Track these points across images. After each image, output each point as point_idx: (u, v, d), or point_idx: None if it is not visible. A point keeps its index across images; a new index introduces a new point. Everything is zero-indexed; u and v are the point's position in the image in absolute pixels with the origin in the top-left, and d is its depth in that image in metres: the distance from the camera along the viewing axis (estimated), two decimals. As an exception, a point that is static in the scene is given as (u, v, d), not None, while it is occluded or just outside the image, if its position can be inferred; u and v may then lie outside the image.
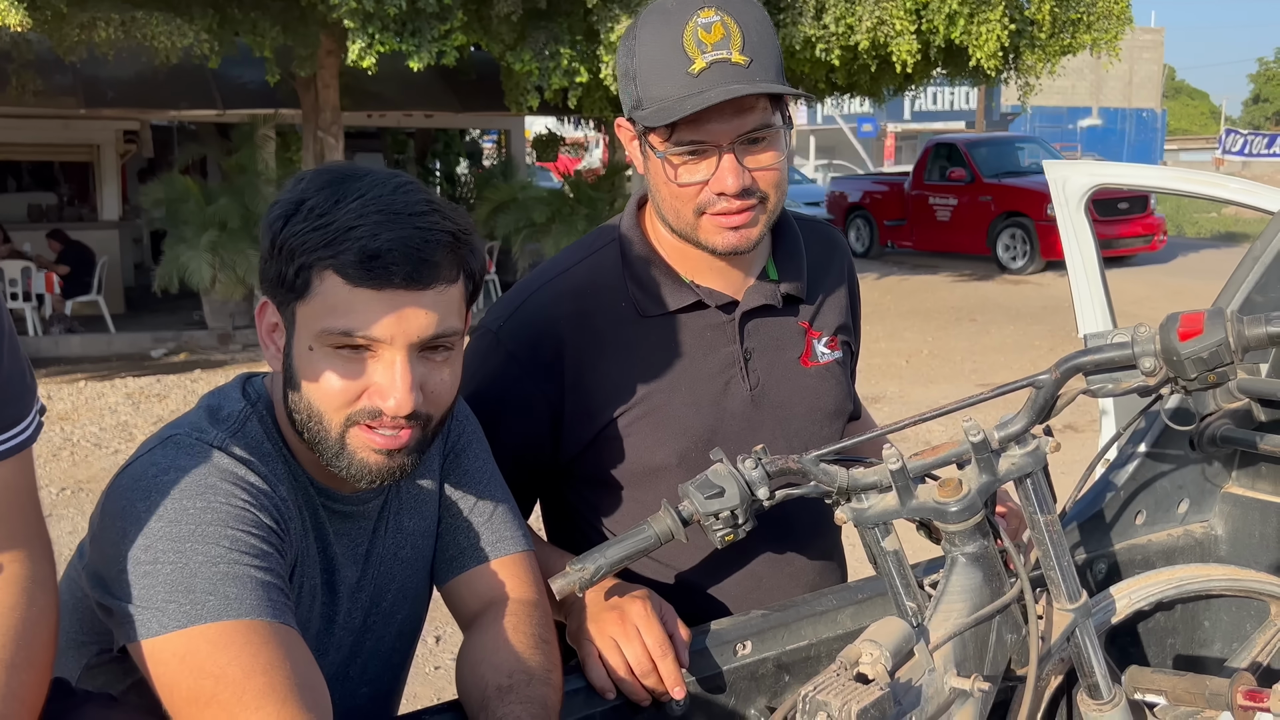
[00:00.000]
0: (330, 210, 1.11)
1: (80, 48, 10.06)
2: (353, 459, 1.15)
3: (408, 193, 1.14)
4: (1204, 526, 1.81)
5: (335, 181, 1.14)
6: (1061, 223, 2.97)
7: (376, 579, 1.29)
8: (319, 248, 1.10)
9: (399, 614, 1.33)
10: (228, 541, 1.06)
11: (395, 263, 1.09)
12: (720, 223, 1.41)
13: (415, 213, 1.12)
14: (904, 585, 1.27)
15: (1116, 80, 38.45)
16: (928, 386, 8.92)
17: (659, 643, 1.27)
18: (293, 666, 1.02)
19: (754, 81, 1.34)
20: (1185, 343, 1.13)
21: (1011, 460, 1.23)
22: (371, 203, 1.11)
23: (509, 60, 11.01)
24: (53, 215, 15.11)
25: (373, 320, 1.10)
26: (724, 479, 1.22)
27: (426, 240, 1.12)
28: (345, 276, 1.10)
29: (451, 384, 1.20)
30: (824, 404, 1.59)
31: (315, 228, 1.11)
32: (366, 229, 1.09)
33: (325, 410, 1.14)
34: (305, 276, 1.11)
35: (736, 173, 1.37)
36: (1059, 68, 12.58)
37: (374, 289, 1.10)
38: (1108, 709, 1.37)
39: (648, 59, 1.37)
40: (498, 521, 1.36)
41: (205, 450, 1.12)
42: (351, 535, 1.26)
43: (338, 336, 1.11)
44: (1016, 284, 15.25)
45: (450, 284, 1.15)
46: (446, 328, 1.15)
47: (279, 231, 1.13)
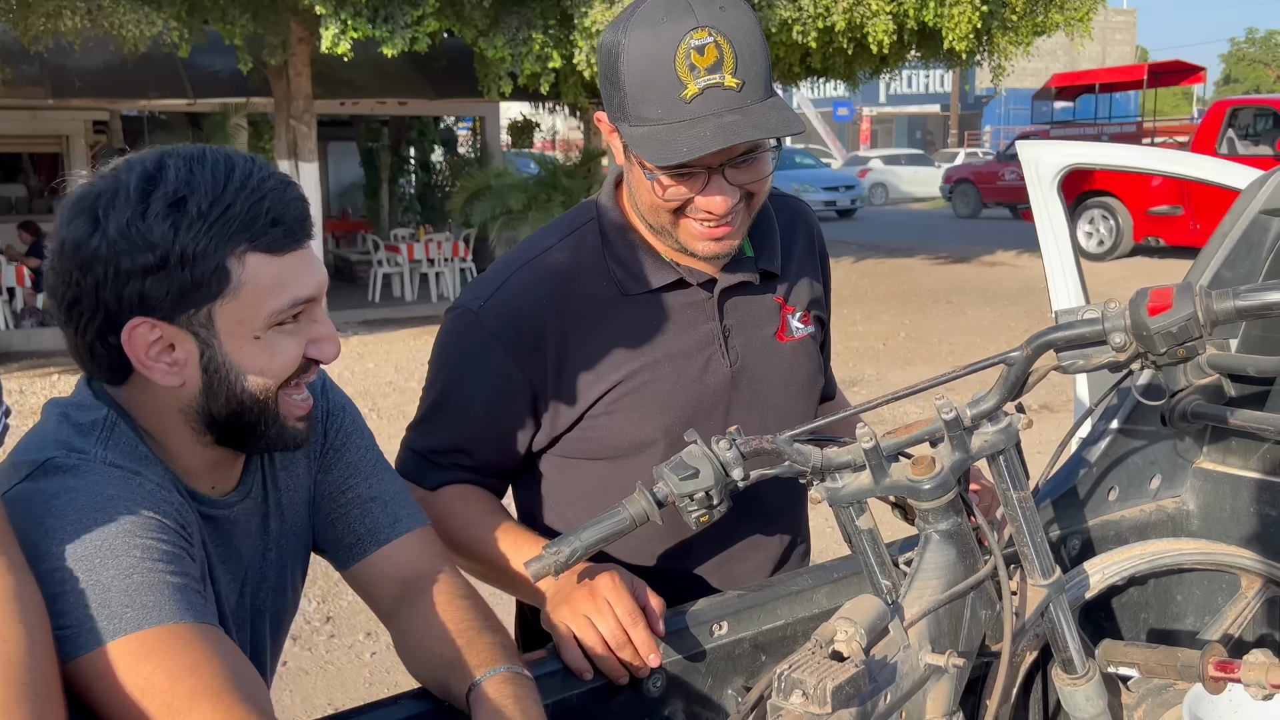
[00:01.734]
0: (219, 197, 1.07)
1: (46, 37, 9.93)
2: (285, 428, 1.18)
3: (246, 159, 1.14)
4: (1176, 501, 1.82)
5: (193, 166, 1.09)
6: (1035, 203, 2.99)
7: (248, 579, 1.28)
8: (234, 234, 1.08)
9: (274, 608, 1.33)
10: (138, 551, 1.02)
11: (296, 221, 1.14)
12: (703, 233, 1.41)
13: (268, 174, 1.14)
14: (879, 563, 1.28)
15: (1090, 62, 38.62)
16: (905, 369, 8.96)
17: (629, 611, 1.27)
18: (221, 661, 1.01)
19: (745, 106, 1.31)
20: (1154, 318, 1.14)
21: (984, 437, 1.24)
22: (244, 177, 1.11)
23: (482, 46, 10.96)
24: (22, 207, 14.96)
25: (305, 281, 1.14)
26: (698, 460, 1.22)
27: (297, 195, 1.16)
28: (270, 250, 1.11)
29: None
30: (799, 378, 1.61)
31: (219, 218, 1.07)
32: (272, 198, 1.11)
33: (270, 387, 1.15)
34: (222, 271, 1.08)
35: (725, 193, 1.37)
36: (1032, 49, 12.63)
37: (290, 251, 1.13)
38: (1082, 683, 1.38)
39: (636, 74, 1.33)
40: (392, 504, 1.36)
41: (89, 466, 1.07)
42: (219, 539, 1.22)
43: (284, 313, 1.12)
44: (992, 266, 15.33)
45: None
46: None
47: (171, 242, 1.06)
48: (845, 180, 25.58)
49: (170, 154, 1.11)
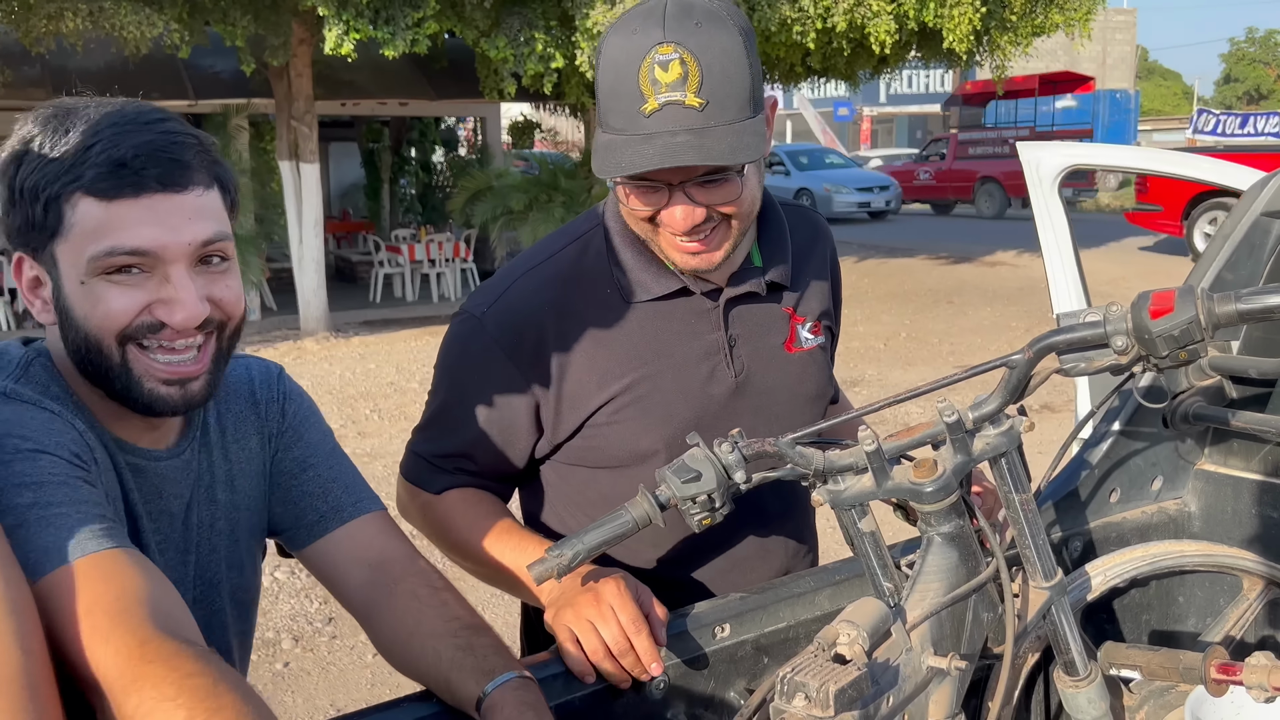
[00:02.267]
0: (61, 139, 1.07)
1: (48, 38, 9.93)
2: (142, 388, 1.13)
3: (139, 107, 1.12)
4: (1178, 503, 1.82)
5: (56, 115, 1.10)
6: (1036, 204, 2.99)
7: (199, 548, 1.29)
8: (60, 176, 1.06)
9: (230, 582, 1.33)
10: (30, 493, 1.01)
11: (146, 165, 1.07)
12: (678, 245, 1.41)
13: (152, 120, 1.10)
14: (881, 566, 1.28)
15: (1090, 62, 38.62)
16: (906, 369, 8.96)
17: (633, 619, 1.27)
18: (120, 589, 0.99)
19: (703, 127, 1.29)
20: (1156, 321, 1.14)
21: (986, 440, 1.24)
22: (103, 120, 1.08)
23: (483, 47, 10.95)
24: (23, 209, 14.93)
25: (138, 230, 1.07)
26: (700, 463, 1.22)
27: (172, 142, 1.09)
28: (97, 194, 1.06)
29: (239, 292, 1.18)
30: (806, 389, 1.60)
31: (52, 159, 1.07)
32: (106, 141, 1.06)
33: (103, 337, 1.10)
34: (55, 210, 1.07)
35: (687, 212, 1.35)
36: (1031, 49, 12.62)
37: (130, 198, 1.07)
38: (1084, 685, 1.38)
39: (606, 82, 1.34)
40: (354, 487, 1.37)
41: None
42: (147, 492, 1.21)
43: (105, 259, 1.07)
44: (993, 266, 15.33)
45: (208, 189, 1.13)
46: (218, 232, 1.13)
47: (14, 176, 1.09)
48: (880, 181, 24.35)
49: (68, 100, 1.13)
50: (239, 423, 1.35)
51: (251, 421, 1.36)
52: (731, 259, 1.48)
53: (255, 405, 1.37)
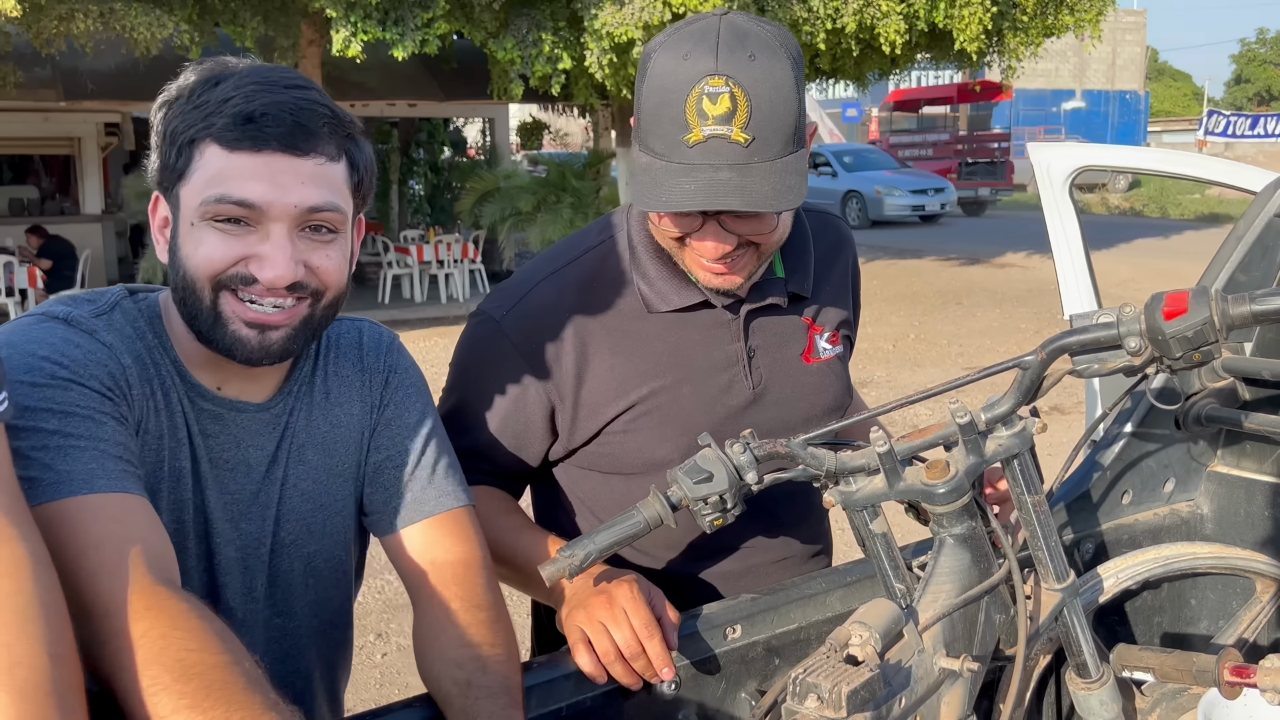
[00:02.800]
0: (208, 90, 1.13)
1: (59, 39, 9.98)
2: (226, 329, 1.15)
3: (285, 71, 1.17)
4: (1190, 505, 1.82)
5: (214, 67, 1.16)
6: (1046, 205, 2.98)
7: (281, 505, 1.28)
8: (197, 122, 1.12)
9: (307, 547, 1.31)
10: (55, 420, 1.06)
11: (270, 124, 1.11)
12: (703, 266, 1.40)
13: (292, 85, 1.14)
14: (892, 567, 1.28)
15: (1099, 63, 38.54)
16: (914, 370, 8.95)
17: (645, 624, 1.27)
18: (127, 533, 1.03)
19: (746, 163, 1.27)
20: (1170, 322, 1.14)
21: (998, 441, 1.24)
22: (248, 76, 1.14)
23: (492, 48, 10.97)
24: (34, 209, 15.00)
25: (249, 184, 1.11)
26: (712, 464, 1.22)
27: (302, 107, 1.13)
28: (222, 142, 1.11)
29: (340, 265, 1.20)
30: (824, 400, 1.58)
31: (195, 106, 1.13)
32: (242, 96, 1.11)
33: (198, 278, 1.14)
34: (187, 154, 1.13)
35: (718, 244, 1.35)
36: (1041, 50, 12.60)
37: (250, 151, 1.11)
38: (1096, 687, 1.38)
39: (650, 103, 1.31)
40: (439, 478, 1.35)
41: (43, 327, 1.13)
42: (222, 440, 1.24)
43: (215, 205, 1.11)
44: (1002, 267, 15.30)
45: (332, 161, 1.16)
46: (327, 201, 1.15)
47: (161, 118, 1.15)
48: (934, 183, 22.93)
49: (218, 59, 1.19)
50: (344, 386, 1.34)
51: (356, 387, 1.35)
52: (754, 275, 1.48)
53: (362, 371, 1.36)
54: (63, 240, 12.71)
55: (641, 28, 10.08)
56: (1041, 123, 35.45)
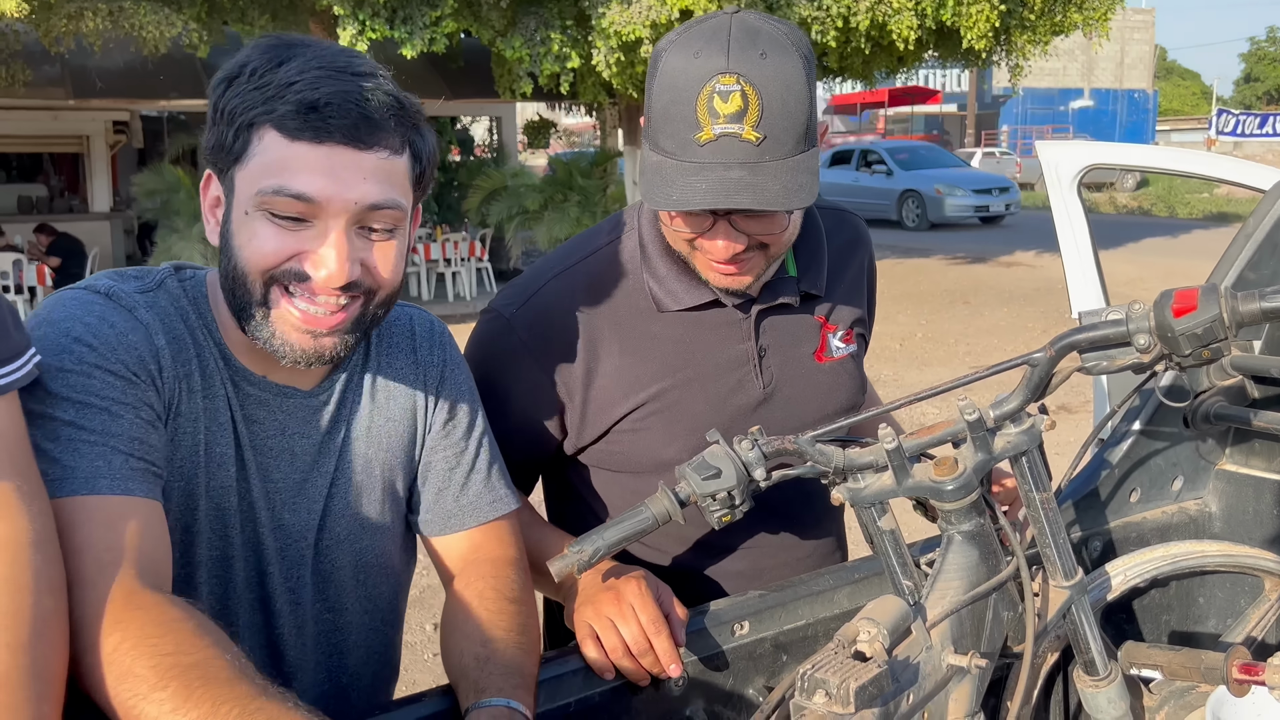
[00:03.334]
0: (271, 70, 1.08)
1: (68, 38, 10.01)
2: (275, 330, 1.12)
3: (352, 55, 1.11)
4: (1198, 503, 1.81)
5: (278, 45, 1.10)
6: (1055, 203, 2.97)
7: (329, 498, 1.26)
8: (258, 105, 1.07)
9: (358, 543, 1.30)
10: (73, 410, 1.04)
11: (334, 115, 1.05)
12: (713, 267, 1.40)
13: (359, 72, 1.09)
14: (900, 564, 1.28)
15: (1108, 61, 38.43)
16: (922, 369, 8.94)
17: (653, 620, 1.27)
18: (115, 540, 1.01)
19: (758, 162, 1.27)
20: (1180, 319, 1.14)
21: (1007, 438, 1.24)
22: (314, 60, 1.08)
23: (499, 47, 10.98)
24: (43, 207, 15.05)
25: (309, 177, 1.06)
26: (721, 460, 1.22)
27: (368, 97, 1.08)
28: (283, 130, 1.06)
29: (396, 264, 1.15)
30: (837, 399, 1.57)
31: (256, 87, 1.07)
32: (306, 82, 1.06)
33: (249, 271, 1.10)
34: (244, 138, 1.08)
35: (729, 244, 1.35)
36: (1050, 49, 12.57)
37: (312, 142, 1.06)
38: (1104, 685, 1.38)
39: (661, 101, 1.31)
40: (491, 482, 1.35)
41: (81, 299, 1.10)
42: (268, 426, 1.21)
43: (272, 197, 1.07)
44: (1010, 266, 15.27)
45: (395, 154, 1.11)
46: (388, 199, 1.10)
47: (220, 96, 1.10)
48: (999, 182, 21.38)
49: (293, 35, 1.14)
50: (397, 378, 1.31)
51: (409, 380, 1.32)
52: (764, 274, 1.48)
53: (415, 365, 1.33)
54: (71, 238, 12.75)
55: (649, 26, 10.08)
56: (1049, 121, 35.39)
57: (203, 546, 1.18)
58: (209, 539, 1.18)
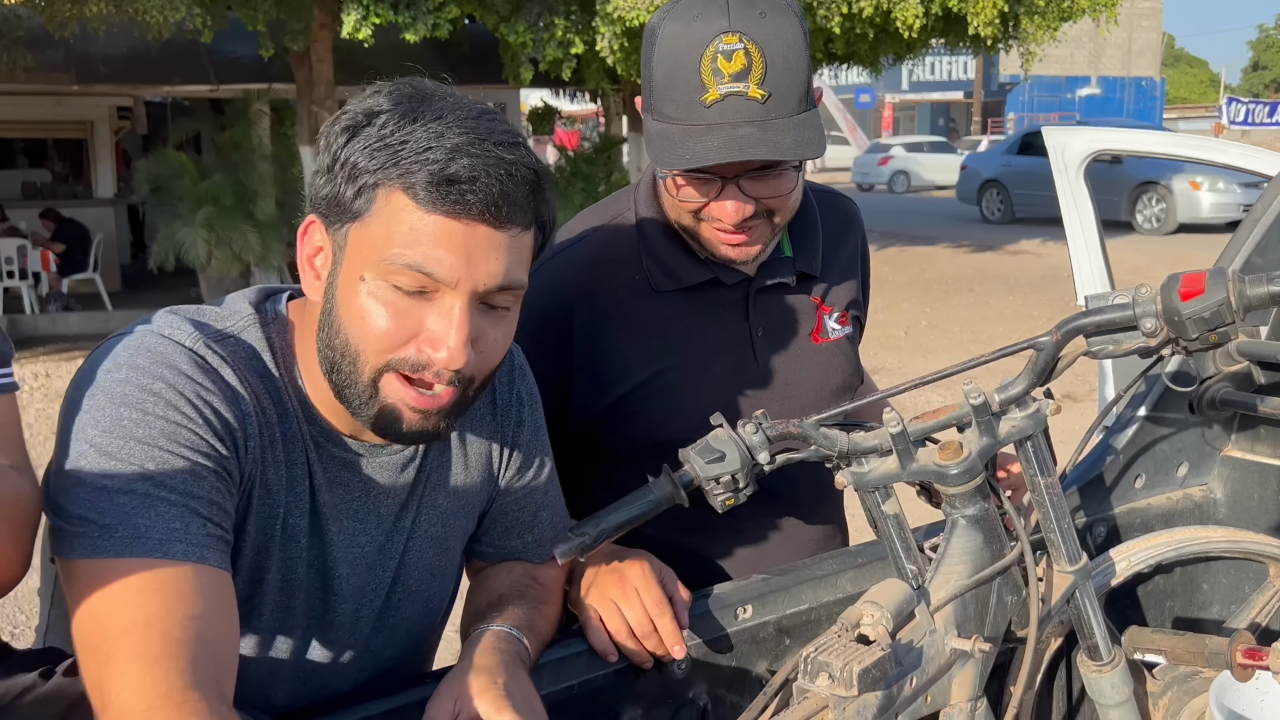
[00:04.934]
0: (404, 127, 1.00)
1: (72, 23, 9.98)
2: (383, 408, 1.04)
3: (493, 120, 1.04)
4: (1203, 490, 1.81)
5: (414, 97, 1.03)
6: (1061, 190, 2.96)
7: (405, 554, 1.22)
8: (388, 165, 0.99)
9: (427, 590, 1.27)
10: (153, 463, 0.97)
11: (475, 191, 0.98)
12: (720, 238, 1.40)
13: (501, 142, 1.01)
14: (904, 548, 1.28)
15: (1115, 49, 38.26)
16: (926, 357, 8.92)
17: (656, 602, 1.27)
18: (185, 615, 0.93)
19: (765, 119, 1.28)
20: (1187, 303, 1.13)
21: (1012, 423, 1.23)
22: (454, 124, 1.00)
23: (503, 32, 10.93)
24: (47, 193, 15.04)
25: (441, 255, 0.99)
26: (724, 443, 1.22)
27: (510, 174, 1.00)
28: (416, 199, 0.98)
29: (503, 345, 1.09)
30: (833, 380, 1.59)
31: (386, 144, 1.00)
32: (445, 150, 0.98)
33: (364, 350, 1.02)
34: (368, 196, 1.00)
35: (738, 206, 1.35)
36: (1058, 35, 12.51)
37: (448, 216, 0.98)
38: (1107, 670, 1.38)
39: (662, 69, 1.31)
40: (555, 515, 1.36)
41: (166, 349, 1.02)
42: (352, 488, 1.15)
43: (398, 270, 1.00)
44: (1015, 254, 15.23)
45: (525, 230, 1.04)
46: (513, 279, 1.04)
47: (342, 146, 1.02)
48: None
49: (429, 84, 1.07)
50: (477, 422, 1.26)
51: (488, 422, 1.27)
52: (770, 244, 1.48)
53: (494, 404, 1.27)
54: (76, 224, 12.75)
55: (654, 11, 10.03)
56: (1056, 109, 35.28)
57: (264, 617, 1.14)
58: (271, 610, 1.14)
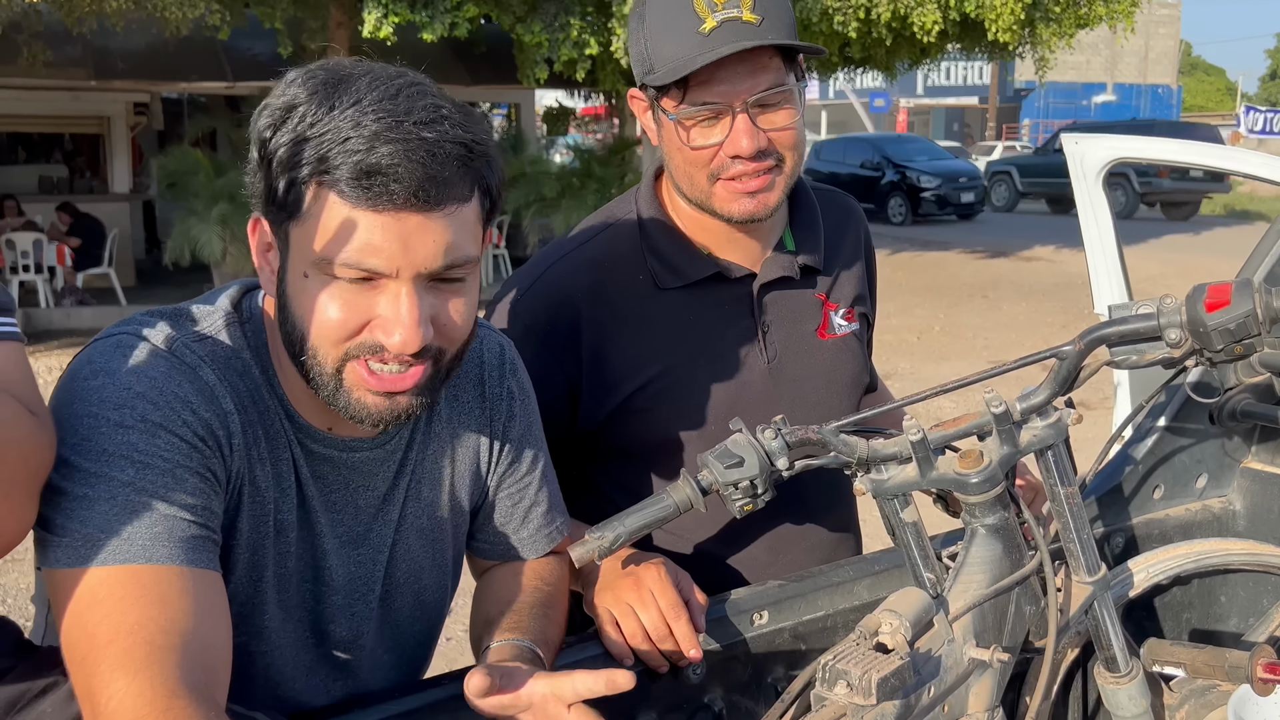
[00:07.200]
0: (322, 117, 0.98)
1: (90, 19, 10.03)
2: (350, 398, 1.04)
3: (411, 97, 1.00)
4: (1222, 501, 1.80)
5: (329, 83, 1.00)
6: (1079, 197, 2.94)
7: (395, 546, 1.23)
8: (312, 160, 0.98)
9: (419, 582, 1.27)
10: (133, 469, 0.96)
11: (399, 180, 0.96)
12: (736, 188, 1.41)
13: (421, 120, 0.99)
14: (922, 557, 1.27)
15: (1132, 56, 38.12)
16: (939, 363, 8.90)
17: (673, 605, 1.27)
18: (169, 620, 0.92)
19: (764, 38, 1.33)
20: (1212, 314, 1.12)
21: (1033, 432, 1.23)
22: (371, 108, 0.98)
23: (519, 32, 10.95)
24: (63, 187, 15.11)
25: (374, 247, 0.98)
26: (744, 449, 1.22)
27: (433, 153, 0.98)
28: (343, 196, 0.97)
29: (466, 315, 1.08)
30: (841, 376, 1.59)
31: (305, 138, 0.98)
32: (363, 140, 0.96)
33: (320, 344, 1.02)
34: (297, 193, 1.00)
35: (751, 133, 1.37)
36: (1074, 42, 12.47)
37: (375, 210, 0.97)
38: (1125, 682, 1.37)
39: (657, 21, 1.38)
40: (551, 513, 1.36)
41: (143, 353, 1.01)
42: (332, 482, 1.15)
43: (334, 266, 0.99)
44: (1029, 261, 15.18)
45: (463, 203, 1.02)
46: (459, 255, 1.02)
47: (268, 140, 1.01)
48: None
49: (346, 65, 1.04)
50: (464, 414, 1.26)
51: (476, 415, 1.27)
52: (768, 236, 1.50)
53: (483, 399, 1.27)
54: (92, 219, 12.81)
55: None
56: (1071, 115, 35.17)
57: (266, 614, 1.14)
58: (272, 607, 1.14)
